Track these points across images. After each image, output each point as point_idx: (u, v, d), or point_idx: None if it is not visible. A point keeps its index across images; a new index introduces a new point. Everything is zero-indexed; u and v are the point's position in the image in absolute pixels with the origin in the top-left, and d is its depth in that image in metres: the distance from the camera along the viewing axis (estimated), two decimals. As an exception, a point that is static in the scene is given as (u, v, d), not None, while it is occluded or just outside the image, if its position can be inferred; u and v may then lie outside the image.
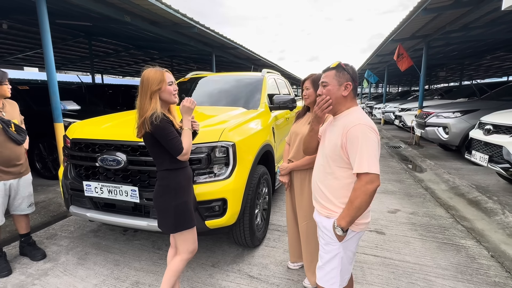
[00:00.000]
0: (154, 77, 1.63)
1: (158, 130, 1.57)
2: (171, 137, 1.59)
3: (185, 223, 1.72)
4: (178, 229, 1.72)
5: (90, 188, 2.26)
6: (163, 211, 1.70)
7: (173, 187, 1.68)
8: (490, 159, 3.78)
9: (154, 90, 1.62)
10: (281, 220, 3.42)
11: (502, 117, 3.81)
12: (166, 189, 1.68)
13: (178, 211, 1.69)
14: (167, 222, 1.71)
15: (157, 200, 1.71)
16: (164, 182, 1.69)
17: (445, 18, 6.07)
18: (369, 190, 1.27)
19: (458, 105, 6.26)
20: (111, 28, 7.96)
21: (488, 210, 3.60)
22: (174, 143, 1.60)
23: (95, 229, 3.21)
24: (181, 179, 1.71)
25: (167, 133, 1.59)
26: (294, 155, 2.15)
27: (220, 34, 7.38)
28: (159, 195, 1.69)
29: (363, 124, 1.32)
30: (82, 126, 2.57)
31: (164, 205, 1.69)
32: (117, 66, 16.39)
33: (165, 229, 1.74)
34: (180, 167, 1.71)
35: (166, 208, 1.68)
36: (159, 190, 1.69)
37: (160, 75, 1.65)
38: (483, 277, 2.36)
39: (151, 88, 1.62)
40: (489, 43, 10.11)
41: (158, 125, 1.56)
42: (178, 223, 1.70)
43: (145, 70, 1.68)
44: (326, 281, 1.46)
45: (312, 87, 2.03)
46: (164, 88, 1.66)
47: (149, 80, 1.63)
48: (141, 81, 1.66)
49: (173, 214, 1.68)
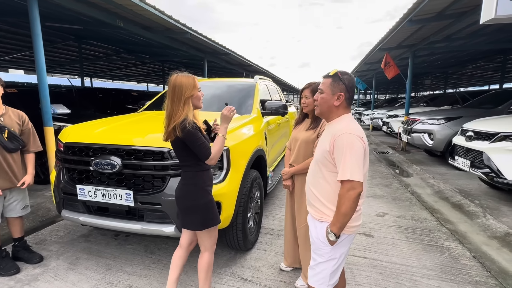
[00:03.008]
0: (187, 83, 1.67)
1: (189, 135, 1.62)
2: (200, 142, 1.65)
3: (213, 219, 1.79)
4: (206, 226, 1.78)
5: (84, 192, 2.27)
6: (191, 209, 1.75)
7: (200, 186, 1.75)
8: (472, 164, 3.96)
9: (188, 97, 1.67)
10: (273, 224, 3.47)
11: (483, 125, 4.01)
12: (193, 188, 1.74)
13: (206, 208, 1.75)
14: (194, 220, 1.76)
15: (183, 199, 1.75)
16: (191, 181, 1.74)
17: (429, 29, 6.34)
18: (352, 196, 1.34)
19: (442, 113, 6.51)
20: (102, 32, 7.92)
21: (471, 213, 3.76)
22: (203, 148, 1.66)
23: (85, 234, 3.18)
24: (206, 179, 1.78)
25: (197, 138, 1.64)
26: (295, 159, 2.23)
27: (212, 40, 7.46)
28: (186, 194, 1.74)
29: (350, 133, 1.39)
30: (76, 130, 2.57)
31: (192, 203, 1.74)
32: (107, 70, 16.22)
33: (192, 227, 1.80)
34: (205, 169, 1.78)
35: (194, 206, 1.74)
36: (186, 189, 1.75)
37: (193, 81, 1.70)
38: (466, 277, 2.47)
39: (185, 94, 1.65)
40: (471, 53, 10.57)
41: (189, 131, 1.61)
42: (206, 220, 1.77)
43: (175, 75, 1.70)
44: (316, 281, 1.53)
45: (311, 96, 2.13)
46: (196, 95, 1.71)
47: (182, 86, 1.65)
48: (172, 87, 1.67)
49: (201, 212, 1.74)
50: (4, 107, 2.45)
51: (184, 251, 1.92)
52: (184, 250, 1.92)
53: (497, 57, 11.13)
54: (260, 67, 13.90)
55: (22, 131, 2.50)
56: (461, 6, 4.77)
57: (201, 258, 1.89)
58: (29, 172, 2.56)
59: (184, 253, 1.92)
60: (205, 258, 1.88)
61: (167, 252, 2.80)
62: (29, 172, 2.55)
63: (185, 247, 1.92)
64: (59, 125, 4.67)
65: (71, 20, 6.48)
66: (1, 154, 2.35)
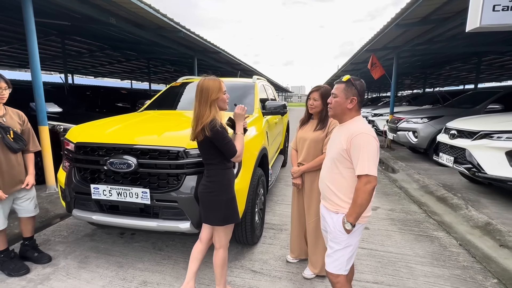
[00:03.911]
0: (214, 86, 1.78)
1: (217, 135, 1.73)
2: (227, 141, 1.76)
3: (234, 216, 1.90)
4: (227, 222, 1.88)
5: (98, 191, 2.30)
6: (214, 205, 1.84)
7: (225, 183, 1.85)
8: (455, 160, 4.28)
9: (214, 99, 1.77)
10: (274, 219, 3.61)
11: (465, 123, 4.33)
12: (218, 185, 1.84)
13: (229, 205, 1.86)
14: (217, 215, 1.85)
15: (208, 195, 1.84)
16: (216, 178, 1.84)
17: (413, 33, 6.68)
18: (368, 189, 1.51)
19: (425, 112, 6.89)
20: (90, 28, 7.73)
21: (454, 206, 4.07)
22: (230, 147, 1.77)
23: (90, 233, 3.19)
24: (230, 177, 1.89)
25: (224, 137, 1.75)
26: (304, 158, 2.37)
27: (204, 39, 7.47)
28: (211, 190, 1.84)
29: (366, 133, 1.56)
30: (86, 130, 2.59)
31: (215, 199, 1.83)
32: (90, 66, 15.72)
33: (213, 222, 1.89)
34: (229, 167, 1.88)
35: (218, 202, 1.83)
36: (211, 186, 1.84)
37: (219, 84, 1.80)
38: (454, 263, 2.72)
39: (211, 97, 1.76)
40: (449, 55, 11.16)
41: (217, 131, 1.72)
42: (228, 216, 1.87)
43: (202, 79, 1.82)
44: (334, 267, 1.68)
45: (319, 99, 2.27)
46: (221, 97, 1.81)
47: (209, 89, 1.76)
48: (199, 90, 1.79)
49: (224, 208, 1.84)
50: (4, 107, 2.42)
51: (205, 245, 2.02)
52: (204, 244, 2.02)
53: (472, 59, 11.82)
54: (249, 66, 13.99)
55: (22, 131, 2.48)
56: (444, 12, 5.09)
57: (216, 254, 1.99)
58: (30, 172, 2.55)
59: (204, 247, 2.02)
60: (221, 255, 1.98)
61: (175, 249, 2.88)
62: (30, 172, 2.55)
63: (206, 241, 2.02)
64: (52, 124, 4.57)
65: (58, 15, 6.30)
66: (6, 155, 2.34)
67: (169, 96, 4.13)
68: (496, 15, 2.79)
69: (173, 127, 2.60)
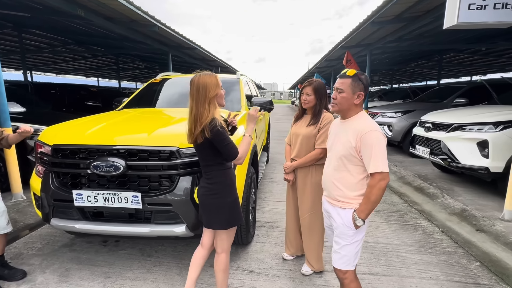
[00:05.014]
0: (211, 82, 1.64)
1: (217, 136, 1.61)
2: (227, 142, 1.64)
3: (238, 218, 1.80)
4: (231, 225, 1.78)
5: (82, 198, 2.11)
6: (218, 208, 1.72)
7: (228, 184, 1.74)
8: (431, 152, 4.52)
9: (212, 96, 1.64)
10: (264, 217, 3.57)
11: (439, 116, 4.58)
12: (221, 186, 1.72)
13: (233, 206, 1.75)
14: (221, 218, 1.74)
15: (211, 197, 1.72)
16: (218, 179, 1.72)
17: (386, 30, 6.96)
18: (382, 185, 1.51)
19: (398, 106, 7.22)
20: (51, 20, 7.12)
21: (431, 195, 4.30)
22: (230, 149, 1.65)
23: (68, 243, 2.93)
24: (232, 177, 1.79)
25: (225, 138, 1.63)
26: (297, 153, 2.33)
27: (180, 34, 7.21)
28: (214, 192, 1.72)
29: (376, 130, 1.55)
30: (62, 131, 2.35)
31: (219, 201, 1.72)
32: (51, 63, 14.59)
33: (217, 226, 1.77)
34: (229, 167, 1.78)
35: (221, 204, 1.72)
36: (214, 188, 1.72)
37: (215, 80, 1.67)
38: (440, 249, 2.87)
39: (209, 94, 1.63)
40: (414, 52, 11.81)
41: (218, 131, 1.60)
42: (232, 218, 1.76)
43: (197, 75, 1.68)
44: (342, 263, 1.67)
45: (313, 93, 2.24)
46: (220, 93, 1.69)
47: (206, 86, 1.62)
48: (195, 87, 1.64)
49: (228, 210, 1.73)
50: None
51: (207, 251, 1.91)
52: (206, 250, 1.91)
53: (435, 56, 12.63)
54: (224, 62, 13.78)
55: None
56: (416, 10, 5.33)
57: (218, 259, 1.88)
58: None
59: (206, 253, 1.91)
60: (223, 260, 1.87)
61: (166, 254, 2.73)
62: None
63: (208, 247, 1.91)
64: (16, 125, 4.14)
65: (15, 6, 5.73)
66: None
67: (148, 93, 3.91)
68: (472, 14, 2.94)
69: (163, 126, 2.46)
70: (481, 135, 3.79)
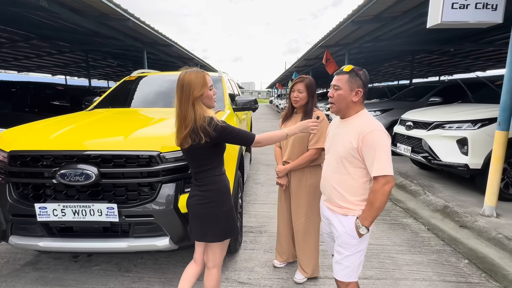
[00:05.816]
0: (196, 82, 1.47)
1: (224, 132, 1.48)
2: (236, 132, 1.52)
3: (234, 229, 1.63)
4: (226, 236, 1.60)
5: (46, 212, 1.83)
6: (213, 218, 1.54)
7: (223, 191, 1.57)
8: (412, 150, 4.58)
9: (197, 96, 1.46)
10: (251, 221, 3.41)
11: (419, 115, 4.66)
12: (216, 194, 1.54)
13: (228, 216, 1.57)
14: (216, 229, 1.56)
15: (204, 206, 1.53)
16: (213, 187, 1.54)
17: (364, 30, 7.03)
18: (387, 190, 1.39)
19: (377, 105, 7.33)
20: (10, 12, 6.48)
21: (413, 192, 4.36)
22: (242, 135, 1.55)
23: (32, 261, 2.59)
24: (228, 183, 1.61)
25: (231, 130, 1.51)
26: (289, 156, 2.19)
27: (156, 30, 6.83)
28: (209, 200, 1.53)
29: (379, 129, 1.43)
30: (22, 135, 2.04)
31: (214, 211, 1.53)
32: (11, 59, 13.44)
33: (212, 238, 1.58)
34: (223, 173, 1.62)
35: (217, 214, 1.54)
36: (208, 196, 1.53)
37: (202, 79, 1.49)
38: (428, 247, 2.86)
39: (193, 94, 1.45)
40: (388, 53, 12.17)
41: (222, 128, 1.46)
42: (228, 229, 1.59)
43: (183, 72, 1.49)
44: (345, 275, 1.55)
45: (305, 90, 2.11)
46: (206, 94, 1.50)
47: (191, 85, 1.45)
48: (180, 86, 1.47)
49: (225, 220, 1.56)
50: None
51: (200, 266, 1.69)
52: (199, 265, 1.69)
53: (407, 57, 13.11)
54: (202, 60, 13.43)
55: None
56: (394, 10, 5.41)
57: (209, 275, 1.67)
58: None
59: (199, 269, 1.70)
60: (214, 275, 1.67)
61: (146, 267, 2.49)
62: None
63: (201, 263, 1.69)
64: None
65: (-34, -5, 5.12)
66: None
67: (123, 92, 3.61)
68: (455, 13, 2.97)
69: (141, 127, 2.21)
70: (461, 133, 3.88)
